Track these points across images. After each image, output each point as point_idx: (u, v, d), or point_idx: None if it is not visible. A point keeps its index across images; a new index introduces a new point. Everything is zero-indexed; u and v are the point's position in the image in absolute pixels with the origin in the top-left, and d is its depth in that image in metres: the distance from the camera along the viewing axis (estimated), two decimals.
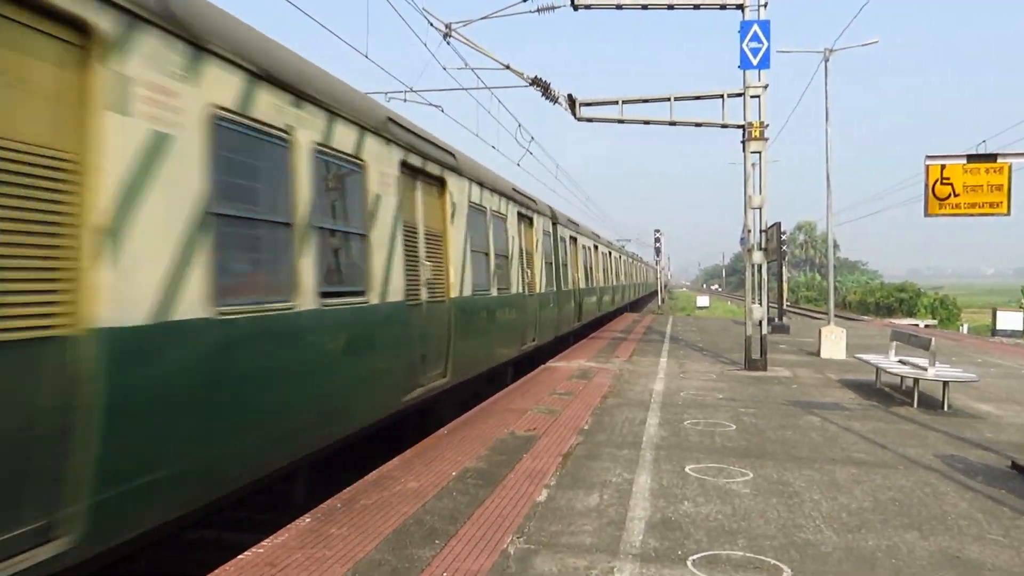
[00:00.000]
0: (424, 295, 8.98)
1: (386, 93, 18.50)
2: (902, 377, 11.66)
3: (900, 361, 12.18)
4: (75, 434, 3.83)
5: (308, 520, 5.45)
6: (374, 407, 7.56)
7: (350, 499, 5.96)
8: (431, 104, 18.80)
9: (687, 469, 7.08)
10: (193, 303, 4.65)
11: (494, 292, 12.36)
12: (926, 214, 14.74)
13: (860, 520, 5.69)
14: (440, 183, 9.93)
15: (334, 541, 5.04)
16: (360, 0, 12.74)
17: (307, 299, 6.07)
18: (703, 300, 69.76)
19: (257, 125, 5.55)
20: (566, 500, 6.04)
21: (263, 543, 4.97)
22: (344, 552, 4.84)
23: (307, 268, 6.09)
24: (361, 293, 7.21)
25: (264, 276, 5.77)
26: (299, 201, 6.08)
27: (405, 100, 18.46)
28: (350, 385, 6.99)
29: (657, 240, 65.73)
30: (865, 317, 53.05)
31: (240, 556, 4.73)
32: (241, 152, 5.44)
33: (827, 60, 20.87)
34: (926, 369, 10.81)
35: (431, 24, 14.23)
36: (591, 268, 26.49)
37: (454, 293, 10.01)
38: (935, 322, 50.80)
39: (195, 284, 4.69)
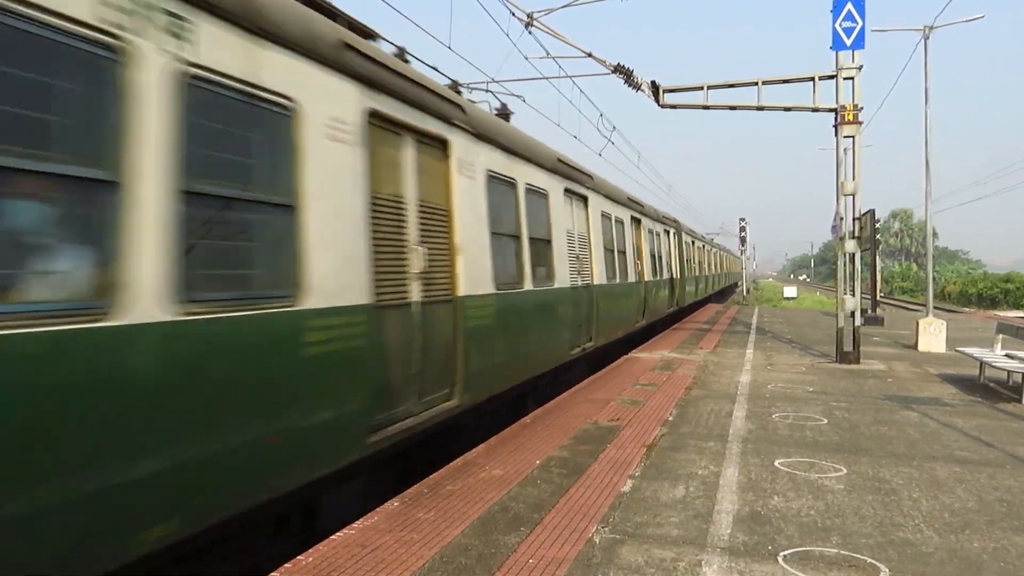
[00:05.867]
0: (579, 282, 12.13)
1: (468, 84, 18.56)
2: (1009, 372, 11.06)
3: (1007, 355, 11.54)
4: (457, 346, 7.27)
5: (396, 504, 5.59)
6: (557, 356, 11.04)
7: (436, 484, 6.08)
8: (512, 95, 18.77)
9: (776, 463, 6.90)
10: (488, 286, 8.25)
11: (617, 280, 15.28)
12: None
13: (964, 520, 5.43)
14: (584, 199, 13.13)
15: (422, 525, 5.14)
16: None
17: (527, 284, 9.68)
18: (790, 290, 67.45)
19: (504, 178, 9.16)
20: (651, 491, 5.98)
21: (354, 525, 5.12)
22: (432, 536, 4.94)
23: (527, 265, 9.64)
24: (551, 280, 10.69)
25: (511, 270, 9.24)
26: (520, 221, 9.63)
27: (487, 91, 18.44)
28: (544, 340, 10.34)
29: (742, 229, 64.10)
30: (966, 309, 50.26)
31: (332, 536, 4.90)
32: (500, 194, 8.99)
33: (927, 38, 19.86)
34: None
35: (513, 14, 14.21)
36: (679, 258, 26.77)
37: (595, 281, 13.18)
38: None
39: (488, 275, 8.25)
